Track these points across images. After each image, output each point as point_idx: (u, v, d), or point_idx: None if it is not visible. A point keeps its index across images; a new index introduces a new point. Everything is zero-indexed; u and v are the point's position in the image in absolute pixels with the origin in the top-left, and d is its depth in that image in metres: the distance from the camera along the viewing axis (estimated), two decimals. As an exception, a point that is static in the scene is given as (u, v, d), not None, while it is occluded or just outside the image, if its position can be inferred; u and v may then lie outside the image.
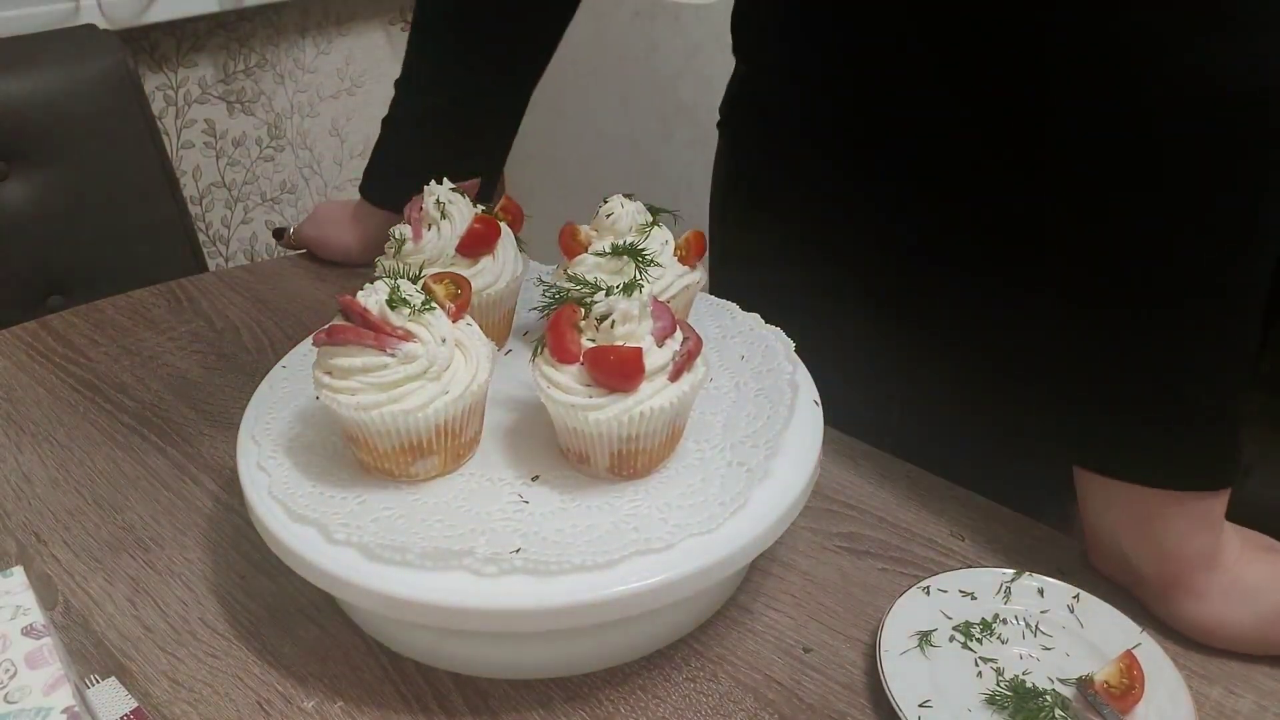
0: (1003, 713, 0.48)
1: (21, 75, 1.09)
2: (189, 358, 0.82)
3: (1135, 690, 0.48)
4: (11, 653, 0.43)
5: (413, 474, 0.53)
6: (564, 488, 0.53)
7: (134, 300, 0.91)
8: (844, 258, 0.74)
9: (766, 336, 0.65)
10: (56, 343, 0.84)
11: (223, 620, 0.56)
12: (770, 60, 0.77)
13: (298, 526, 0.50)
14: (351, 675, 0.52)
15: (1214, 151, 0.46)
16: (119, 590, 0.58)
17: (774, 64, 0.76)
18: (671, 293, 0.61)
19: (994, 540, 0.61)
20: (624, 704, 0.51)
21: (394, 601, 0.47)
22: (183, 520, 0.63)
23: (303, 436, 0.57)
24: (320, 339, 0.51)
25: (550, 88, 2.04)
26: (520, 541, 0.48)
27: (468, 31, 0.84)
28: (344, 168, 1.96)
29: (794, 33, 0.72)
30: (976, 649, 0.51)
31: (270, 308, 0.89)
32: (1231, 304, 0.49)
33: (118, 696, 0.50)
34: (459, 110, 0.87)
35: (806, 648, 0.54)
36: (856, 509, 0.64)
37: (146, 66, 1.58)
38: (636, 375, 0.50)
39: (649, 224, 0.62)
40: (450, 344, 0.52)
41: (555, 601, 0.46)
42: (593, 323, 0.51)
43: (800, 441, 0.55)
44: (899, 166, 0.69)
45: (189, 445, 0.71)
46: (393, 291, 0.51)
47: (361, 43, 1.89)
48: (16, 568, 0.47)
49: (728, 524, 0.49)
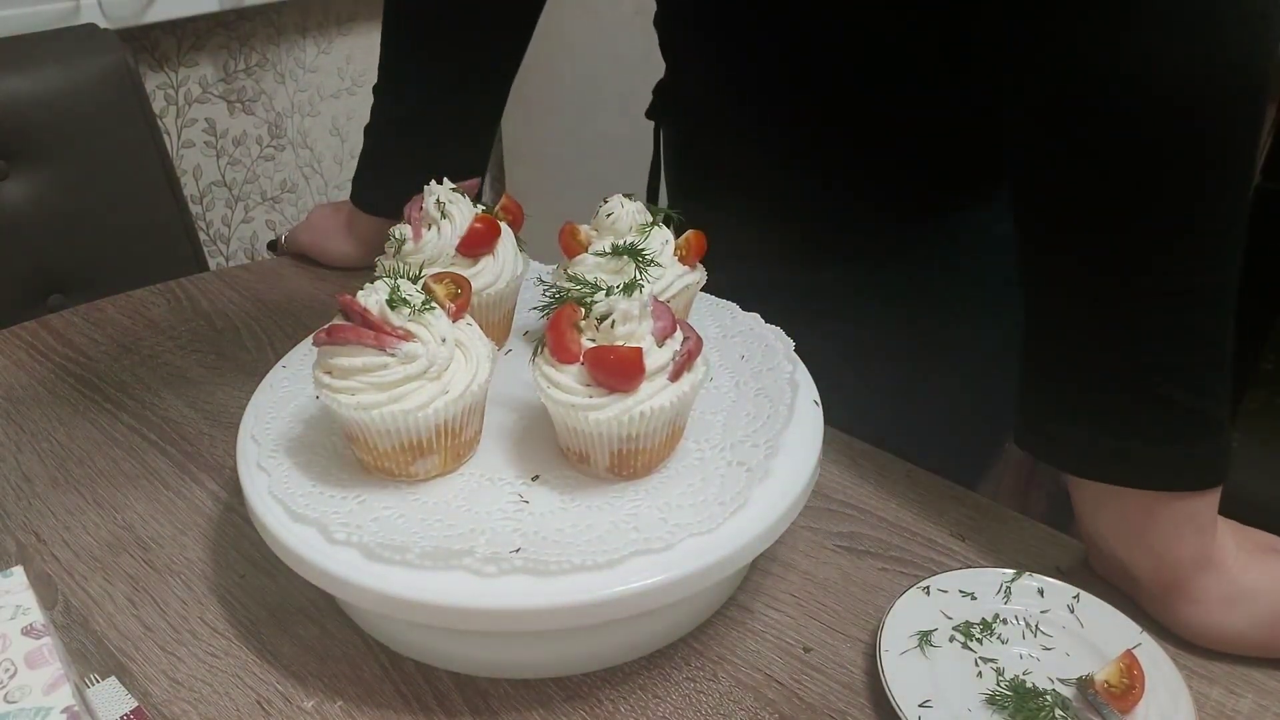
0: (1003, 713, 0.48)
1: (21, 75, 1.09)
2: (189, 358, 0.82)
3: (1135, 690, 0.48)
4: (11, 652, 0.43)
5: (413, 474, 0.53)
6: (564, 488, 0.53)
7: (134, 300, 0.91)
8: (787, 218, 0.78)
9: (766, 336, 0.65)
10: (56, 342, 0.84)
11: (223, 620, 0.56)
12: (693, 57, 0.82)
13: (298, 526, 0.50)
14: (351, 675, 0.52)
15: (1157, 154, 0.46)
16: (119, 590, 0.58)
17: (697, 61, 0.80)
18: (671, 293, 0.61)
19: (994, 540, 0.61)
20: (624, 704, 0.51)
21: (394, 601, 0.47)
22: (183, 520, 0.63)
23: (303, 436, 0.57)
24: (320, 339, 0.51)
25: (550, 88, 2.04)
26: (520, 541, 0.48)
27: (434, 35, 0.84)
28: (344, 167, 1.96)
29: (715, 33, 0.75)
30: (976, 649, 0.51)
31: (270, 308, 0.89)
32: (1202, 302, 0.49)
33: (118, 696, 0.50)
34: (435, 114, 0.87)
35: (806, 647, 0.54)
36: (856, 509, 0.64)
37: (147, 66, 1.58)
38: (636, 375, 0.50)
39: (649, 224, 0.62)
40: (450, 344, 0.52)
41: (555, 601, 0.46)
42: (593, 323, 0.51)
43: (800, 441, 0.55)
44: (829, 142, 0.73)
45: (189, 445, 0.71)
46: (393, 291, 0.51)
47: (362, 42, 1.89)
48: (16, 568, 0.47)
49: (728, 524, 0.49)
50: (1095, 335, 0.51)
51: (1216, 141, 0.46)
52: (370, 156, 0.91)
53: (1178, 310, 0.49)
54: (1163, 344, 0.49)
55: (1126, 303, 0.49)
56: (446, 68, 0.85)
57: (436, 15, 0.83)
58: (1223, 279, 0.48)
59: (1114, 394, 0.51)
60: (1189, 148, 0.46)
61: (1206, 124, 0.46)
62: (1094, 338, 0.51)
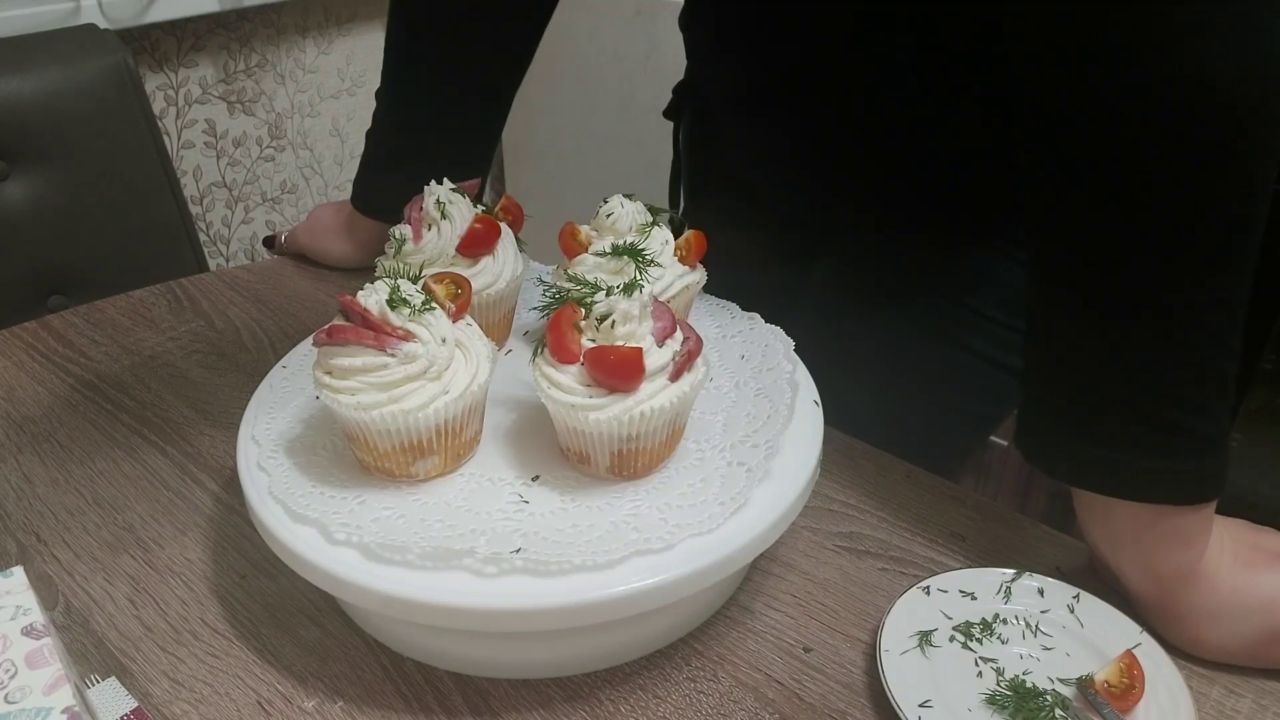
0: (1003, 713, 0.48)
1: (21, 75, 1.09)
2: (189, 358, 0.82)
3: (1135, 690, 0.48)
4: (11, 653, 0.43)
5: (413, 474, 0.53)
6: (564, 488, 0.53)
7: (134, 300, 0.91)
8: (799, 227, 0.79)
9: (766, 335, 0.65)
10: (56, 343, 0.85)
11: (223, 620, 0.56)
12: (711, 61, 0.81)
13: (298, 526, 0.50)
14: (352, 675, 0.52)
15: (1166, 164, 0.45)
16: (119, 590, 0.58)
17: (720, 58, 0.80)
18: (671, 293, 0.61)
19: (994, 540, 0.61)
20: (624, 704, 0.51)
21: (394, 601, 0.47)
22: (183, 520, 0.63)
23: (303, 436, 0.57)
24: (320, 339, 0.51)
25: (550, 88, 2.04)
26: (520, 541, 0.48)
27: (442, 41, 0.84)
28: (344, 168, 1.96)
29: (733, 40, 0.75)
30: (976, 649, 0.51)
31: (270, 308, 0.89)
32: (1204, 321, 0.48)
33: (118, 696, 0.50)
34: (437, 124, 0.87)
35: (807, 647, 0.54)
36: (856, 509, 0.64)
37: (147, 66, 1.58)
38: (636, 375, 0.50)
39: (649, 224, 0.62)
40: (450, 344, 0.52)
41: (555, 601, 0.46)
42: (593, 323, 0.51)
43: (800, 441, 0.55)
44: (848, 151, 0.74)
45: (189, 445, 0.71)
46: (393, 291, 0.51)
47: (362, 43, 1.89)
48: (17, 568, 0.47)
49: (728, 524, 0.49)
50: (1092, 350, 0.50)
51: (1232, 168, 0.45)
52: (371, 161, 0.92)
53: (1178, 329, 0.48)
54: (1160, 363, 0.49)
55: (1125, 319, 0.49)
56: (450, 80, 0.85)
57: (441, 28, 0.83)
58: (1225, 298, 0.47)
59: (1108, 408, 0.51)
60: (1204, 173, 0.45)
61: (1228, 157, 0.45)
62: (1091, 353, 0.50)
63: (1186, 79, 0.43)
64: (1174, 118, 0.44)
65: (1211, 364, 0.49)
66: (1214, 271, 0.47)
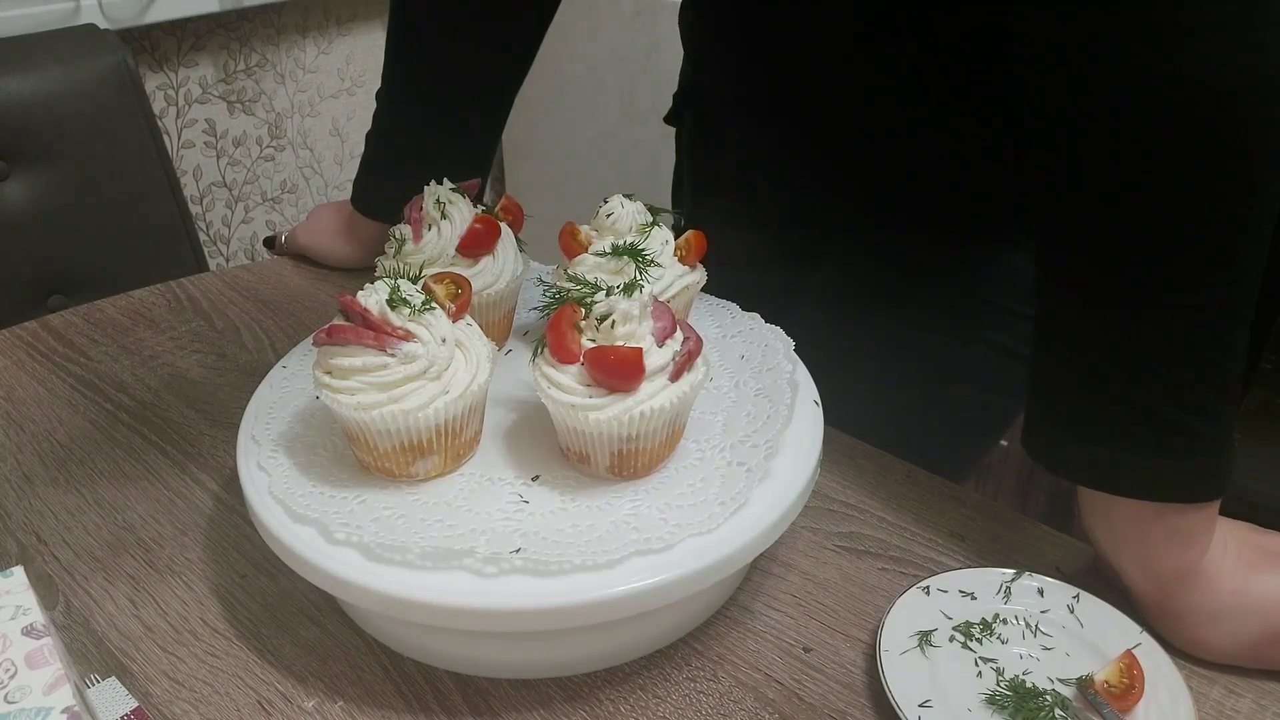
0: (1003, 713, 0.48)
1: (21, 75, 1.09)
2: (189, 358, 0.82)
3: (1135, 690, 0.48)
4: (11, 653, 0.43)
5: (413, 474, 0.53)
6: (564, 488, 0.53)
7: (134, 300, 0.91)
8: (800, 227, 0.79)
9: (766, 336, 0.65)
10: (56, 342, 0.84)
11: (223, 620, 0.56)
12: (711, 61, 0.81)
13: (298, 526, 0.50)
14: (352, 675, 0.52)
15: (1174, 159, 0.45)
16: (119, 590, 0.58)
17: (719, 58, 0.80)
18: (671, 293, 0.61)
19: (994, 540, 0.61)
20: (624, 704, 0.51)
21: (394, 601, 0.47)
22: (183, 520, 0.63)
23: (303, 436, 0.57)
24: (320, 339, 0.51)
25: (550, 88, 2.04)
26: (520, 541, 0.48)
27: (443, 41, 0.84)
28: (344, 168, 1.96)
29: (736, 42, 0.75)
30: (976, 649, 0.51)
31: (270, 308, 0.89)
32: (1208, 321, 0.48)
33: (118, 696, 0.50)
34: (437, 126, 0.87)
35: (807, 647, 0.54)
36: (856, 509, 0.64)
37: (147, 66, 1.58)
38: (636, 375, 0.50)
39: (649, 224, 0.62)
40: (450, 344, 0.52)
41: (555, 601, 0.46)
42: (593, 323, 0.51)
43: (800, 441, 0.55)
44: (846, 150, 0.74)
45: (189, 445, 0.71)
46: (393, 291, 0.51)
47: (362, 42, 1.89)
48: (17, 568, 0.47)
49: (728, 524, 0.49)
50: (1094, 348, 0.50)
51: (1235, 168, 0.45)
52: (371, 161, 0.92)
53: (1180, 329, 0.48)
54: (1161, 362, 0.49)
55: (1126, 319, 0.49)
56: (450, 80, 0.85)
57: (442, 28, 0.83)
58: (1228, 297, 0.47)
59: (1108, 406, 0.51)
60: (1207, 173, 0.45)
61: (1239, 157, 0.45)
62: (1092, 351, 0.50)
63: (1189, 79, 0.43)
64: (1176, 118, 0.44)
65: (1214, 364, 0.48)
66: (1216, 271, 0.47)
